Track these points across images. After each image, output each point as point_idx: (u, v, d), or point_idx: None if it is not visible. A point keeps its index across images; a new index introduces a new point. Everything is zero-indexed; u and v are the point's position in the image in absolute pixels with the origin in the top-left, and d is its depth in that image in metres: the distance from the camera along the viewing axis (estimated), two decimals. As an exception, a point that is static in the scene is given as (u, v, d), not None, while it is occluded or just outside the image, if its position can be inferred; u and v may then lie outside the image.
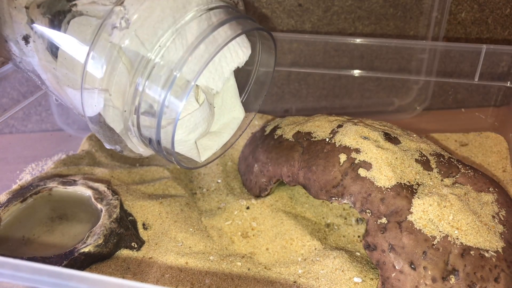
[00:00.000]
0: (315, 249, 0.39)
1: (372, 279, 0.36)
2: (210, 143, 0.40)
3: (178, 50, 0.32)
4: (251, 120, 0.43)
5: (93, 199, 0.40)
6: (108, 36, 0.32)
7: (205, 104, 0.37)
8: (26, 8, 0.34)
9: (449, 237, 0.32)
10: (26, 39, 0.35)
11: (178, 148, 0.37)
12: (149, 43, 0.32)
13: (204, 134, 0.39)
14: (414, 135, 0.42)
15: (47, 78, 0.36)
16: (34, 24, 0.34)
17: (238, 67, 0.38)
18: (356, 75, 0.57)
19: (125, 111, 0.34)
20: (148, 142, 0.35)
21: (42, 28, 0.34)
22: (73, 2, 0.34)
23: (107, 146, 0.38)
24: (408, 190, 0.35)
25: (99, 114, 0.34)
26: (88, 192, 0.41)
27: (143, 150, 0.39)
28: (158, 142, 0.34)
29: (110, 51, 0.32)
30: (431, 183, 0.36)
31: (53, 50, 0.35)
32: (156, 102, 0.32)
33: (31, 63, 0.37)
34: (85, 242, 0.36)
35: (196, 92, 0.38)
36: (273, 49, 0.39)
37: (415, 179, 0.36)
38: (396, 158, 0.37)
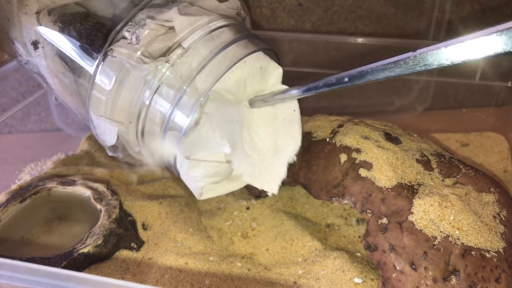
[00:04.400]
0: (316, 249, 0.39)
1: (372, 279, 0.35)
2: (217, 187, 0.39)
3: (187, 66, 0.32)
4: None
5: (92, 199, 0.40)
6: (118, 49, 0.32)
7: None
8: (37, 13, 0.34)
9: (450, 237, 0.32)
10: (35, 44, 0.35)
11: (187, 182, 0.37)
12: (158, 58, 0.32)
13: (214, 182, 0.38)
14: (415, 135, 0.42)
15: (53, 83, 0.36)
16: (44, 31, 0.34)
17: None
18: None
19: (130, 122, 0.34)
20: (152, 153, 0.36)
21: (52, 35, 0.34)
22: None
23: (109, 153, 0.38)
24: (409, 190, 0.35)
25: None
26: (88, 192, 0.41)
27: (144, 158, 0.39)
28: (162, 155, 0.35)
29: (120, 64, 0.32)
30: (432, 183, 0.36)
31: (62, 56, 0.35)
32: (162, 116, 0.32)
33: (37, 66, 0.37)
34: (84, 243, 0.36)
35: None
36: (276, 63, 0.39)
37: (416, 179, 0.36)
38: (397, 158, 0.37)
